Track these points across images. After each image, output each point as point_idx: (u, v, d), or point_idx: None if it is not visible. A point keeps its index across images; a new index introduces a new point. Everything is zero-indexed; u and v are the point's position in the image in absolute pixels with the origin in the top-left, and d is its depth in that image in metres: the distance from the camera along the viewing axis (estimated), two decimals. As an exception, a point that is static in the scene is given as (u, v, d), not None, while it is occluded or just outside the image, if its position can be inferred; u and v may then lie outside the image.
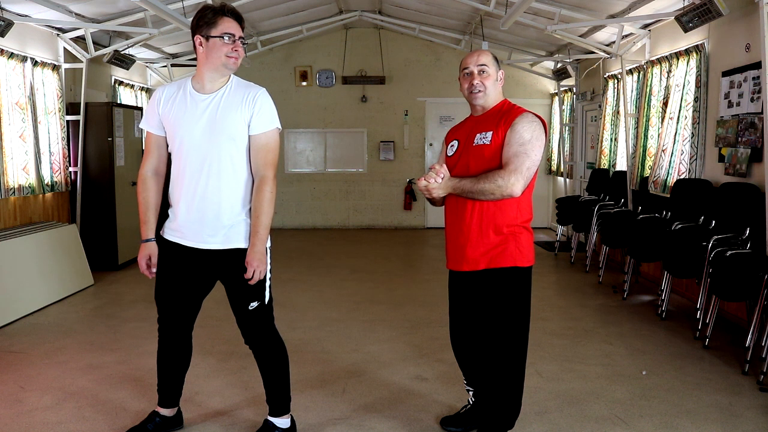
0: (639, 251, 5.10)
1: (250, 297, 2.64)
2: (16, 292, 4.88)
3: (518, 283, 2.64)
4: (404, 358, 3.90)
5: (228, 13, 2.55)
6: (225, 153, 2.56)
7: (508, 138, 2.56)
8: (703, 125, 5.18)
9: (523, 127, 2.55)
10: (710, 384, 3.52)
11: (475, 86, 2.66)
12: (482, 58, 2.68)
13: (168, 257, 2.69)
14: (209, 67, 2.56)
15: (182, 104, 2.59)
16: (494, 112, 2.68)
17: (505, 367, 2.67)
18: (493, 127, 2.61)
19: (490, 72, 2.66)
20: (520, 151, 2.53)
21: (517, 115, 2.60)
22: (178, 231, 2.64)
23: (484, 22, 7.61)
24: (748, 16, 4.52)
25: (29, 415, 3.11)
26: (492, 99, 2.70)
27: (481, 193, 2.52)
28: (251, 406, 3.19)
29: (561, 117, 9.10)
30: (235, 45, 2.53)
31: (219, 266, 2.65)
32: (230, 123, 2.56)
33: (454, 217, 2.68)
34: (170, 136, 2.63)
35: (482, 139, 2.61)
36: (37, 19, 5.78)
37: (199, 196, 2.57)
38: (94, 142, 6.62)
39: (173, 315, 2.74)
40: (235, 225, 2.60)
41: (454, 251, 2.70)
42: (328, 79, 9.93)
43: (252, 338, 2.73)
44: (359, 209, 10.20)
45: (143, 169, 2.71)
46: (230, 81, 2.62)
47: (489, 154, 2.59)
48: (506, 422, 2.72)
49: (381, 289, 5.85)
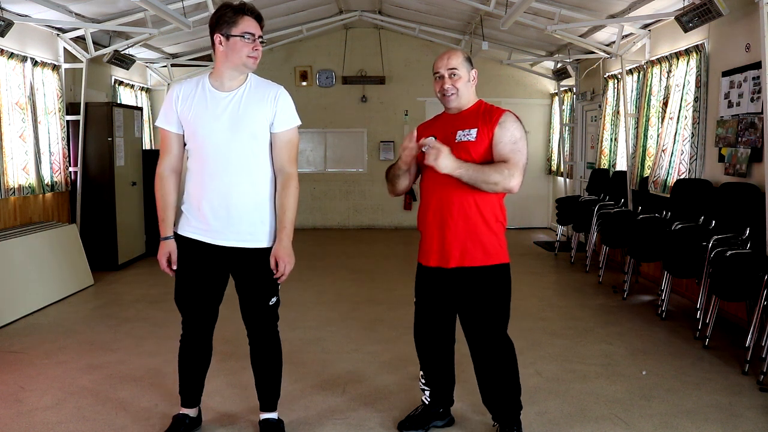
0: (639, 251, 5.10)
1: (270, 293, 2.70)
2: (16, 292, 4.88)
3: (507, 279, 2.71)
4: (404, 358, 3.90)
5: (248, 12, 2.56)
6: (248, 150, 2.58)
7: (499, 136, 2.59)
8: (703, 125, 5.18)
9: (512, 125, 2.61)
10: (710, 384, 3.52)
11: (447, 90, 2.67)
12: (452, 61, 2.67)
13: (187, 255, 2.69)
14: (229, 65, 2.57)
15: (202, 101, 2.59)
16: (473, 111, 2.71)
17: (504, 355, 2.73)
18: (477, 124, 2.63)
19: (460, 74, 2.66)
20: (515, 149, 2.58)
21: (501, 113, 2.64)
22: (198, 228, 2.63)
23: (484, 22, 7.61)
24: (748, 16, 4.52)
25: (29, 415, 3.10)
26: (466, 99, 2.71)
27: (486, 182, 2.53)
28: (251, 406, 3.18)
29: (561, 117, 9.11)
30: (255, 44, 2.55)
31: (240, 263, 2.66)
32: (252, 120, 2.58)
33: (439, 213, 2.67)
34: (190, 133, 2.62)
35: (466, 135, 2.63)
36: (37, 19, 5.78)
37: (222, 193, 2.58)
38: (94, 142, 6.62)
39: (197, 314, 2.75)
40: (259, 222, 2.63)
41: (440, 248, 2.68)
42: (328, 79, 9.93)
43: (260, 334, 2.77)
44: (359, 209, 10.20)
45: (161, 167, 2.70)
46: (249, 79, 2.65)
47: (474, 149, 2.60)
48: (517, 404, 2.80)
49: (381, 289, 5.85)
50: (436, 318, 2.81)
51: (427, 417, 2.95)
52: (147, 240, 7.44)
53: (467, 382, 3.45)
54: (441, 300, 2.77)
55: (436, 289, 2.76)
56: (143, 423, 3.02)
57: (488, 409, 2.85)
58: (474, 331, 2.72)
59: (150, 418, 3.07)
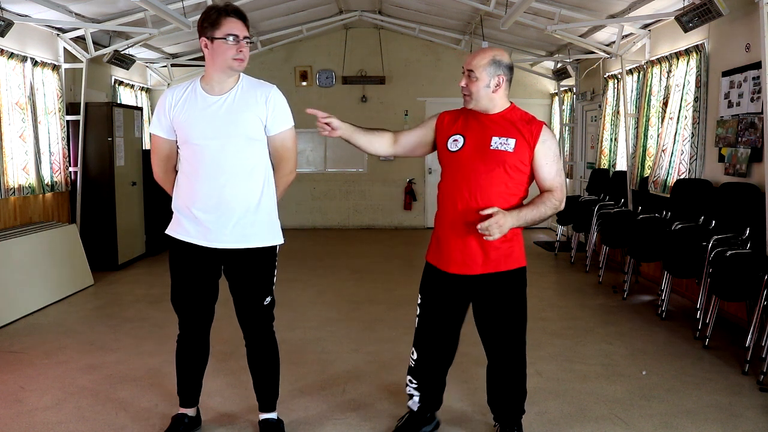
0: (639, 251, 5.10)
1: (264, 293, 2.70)
2: (16, 292, 4.88)
3: (524, 282, 2.70)
4: (404, 358, 3.87)
5: (231, 13, 2.51)
6: (240, 153, 2.58)
7: (544, 154, 2.54)
8: (703, 125, 5.18)
9: (553, 143, 2.58)
10: (710, 384, 3.52)
11: (462, 89, 2.57)
12: (473, 61, 2.53)
13: (181, 258, 2.69)
14: (217, 69, 2.55)
15: (193, 106, 2.58)
16: (507, 116, 2.58)
17: (520, 358, 2.73)
18: (516, 135, 2.52)
19: (477, 75, 2.50)
20: (559, 168, 2.60)
21: (541, 127, 2.55)
22: (190, 231, 2.63)
23: (484, 22, 7.61)
24: (748, 16, 4.52)
25: (29, 415, 3.10)
26: (487, 104, 2.56)
27: (543, 219, 2.60)
28: (251, 406, 3.18)
29: (561, 117, 9.11)
30: (239, 46, 2.50)
31: (233, 264, 2.67)
32: (245, 123, 2.57)
33: (462, 220, 2.56)
34: (182, 138, 2.62)
35: (503, 144, 2.51)
36: (37, 19, 5.78)
37: (214, 196, 2.57)
38: (94, 142, 6.62)
39: (193, 314, 2.75)
40: (253, 224, 2.63)
41: (462, 255, 2.59)
42: (328, 79, 9.93)
43: (256, 335, 2.77)
44: (359, 209, 10.20)
45: (158, 173, 2.75)
46: (240, 80, 2.62)
47: (510, 161, 2.51)
48: (522, 408, 2.80)
49: (381, 289, 5.85)
50: (445, 321, 2.74)
51: (416, 424, 2.85)
52: (147, 240, 7.44)
53: (467, 382, 3.46)
54: (453, 305, 2.70)
55: (451, 294, 2.68)
56: (143, 423, 3.02)
57: (491, 409, 2.84)
58: (495, 336, 2.68)
59: (150, 418, 3.07)
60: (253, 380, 2.86)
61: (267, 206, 2.67)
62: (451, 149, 2.61)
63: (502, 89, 2.56)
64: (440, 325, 2.75)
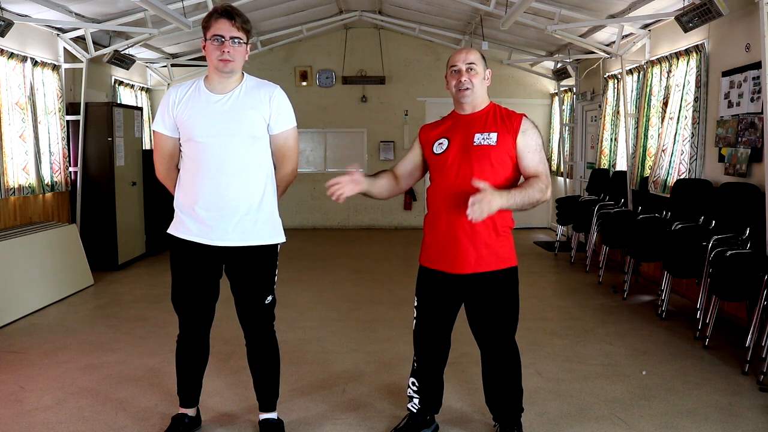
0: (639, 251, 5.10)
1: (265, 291, 2.71)
2: (16, 292, 4.88)
3: (517, 281, 2.70)
4: (404, 358, 3.89)
5: (220, 14, 2.52)
6: (243, 152, 2.59)
7: (525, 143, 2.57)
8: (703, 125, 5.18)
9: (534, 132, 2.60)
10: (710, 384, 3.52)
11: (463, 83, 2.61)
12: (471, 56, 2.63)
13: (183, 256, 2.69)
14: (211, 69, 2.59)
15: (197, 103, 2.59)
16: (488, 113, 2.66)
17: (513, 357, 2.73)
18: (496, 128, 2.59)
19: (478, 70, 2.62)
20: (542, 157, 2.59)
21: (520, 119, 2.61)
22: (192, 229, 2.63)
23: (484, 22, 7.61)
24: (748, 16, 4.52)
25: (29, 415, 3.10)
26: (480, 98, 2.67)
27: (531, 204, 2.52)
28: (251, 406, 3.18)
29: (561, 117, 9.11)
30: (223, 46, 2.50)
31: (234, 262, 2.67)
32: (248, 122, 2.58)
33: (451, 220, 2.61)
34: (185, 136, 2.62)
35: (485, 139, 2.58)
36: (37, 19, 5.78)
37: (217, 194, 2.58)
38: (94, 142, 6.62)
39: (194, 314, 2.75)
40: (255, 222, 2.63)
41: (452, 255, 2.62)
42: (328, 79, 9.93)
43: (257, 334, 2.77)
44: (359, 209, 10.20)
45: (160, 171, 2.75)
46: (245, 80, 2.64)
47: (494, 154, 2.56)
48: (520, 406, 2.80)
49: (381, 289, 5.85)
50: (440, 322, 2.76)
51: (415, 427, 2.87)
52: (147, 240, 7.44)
53: (467, 382, 3.46)
54: (448, 305, 2.73)
55: (445, 294, 2.71)
56: (143, 423, 3.02)
57: (490, 409, 2.84)
58: (487, 334, 2.69)
59: (150, 418, 3.07)
60: (254, 380, 2.86)
61: (269, 205, 2.68)
62: (436, 152, 2.68)
63: (488, 83, 2.70)
64: (437, 326, 2.78)
